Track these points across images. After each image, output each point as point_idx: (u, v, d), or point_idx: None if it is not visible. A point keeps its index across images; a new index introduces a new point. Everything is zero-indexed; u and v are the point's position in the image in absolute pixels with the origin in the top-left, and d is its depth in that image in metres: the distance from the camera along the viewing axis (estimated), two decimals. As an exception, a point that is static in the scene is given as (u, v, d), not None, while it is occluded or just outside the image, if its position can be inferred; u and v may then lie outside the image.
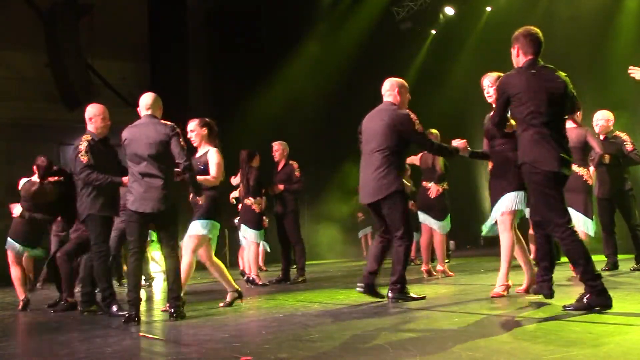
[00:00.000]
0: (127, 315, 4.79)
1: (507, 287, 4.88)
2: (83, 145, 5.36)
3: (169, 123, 5.08)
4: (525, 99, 4.00)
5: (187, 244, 5.39)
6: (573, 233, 3.97)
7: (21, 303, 6.64)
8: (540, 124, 3.96)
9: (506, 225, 4.81)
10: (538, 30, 4.22)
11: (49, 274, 6.88)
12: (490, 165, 5.00)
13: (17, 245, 6.71)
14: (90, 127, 5.64)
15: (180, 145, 4.89)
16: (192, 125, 5.73)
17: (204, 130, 5.67)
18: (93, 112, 5.68)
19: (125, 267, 8.96)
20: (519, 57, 4.22)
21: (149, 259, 10.12)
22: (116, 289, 8.84)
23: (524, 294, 4.87)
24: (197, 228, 5.34)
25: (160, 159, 4.88)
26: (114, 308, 5.41)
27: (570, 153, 4.11)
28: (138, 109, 5.23)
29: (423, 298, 5.07)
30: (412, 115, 5.09)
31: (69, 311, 6.27)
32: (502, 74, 4.74)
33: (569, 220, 4.00)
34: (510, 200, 4.77)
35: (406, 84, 5.34)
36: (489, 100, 4.88)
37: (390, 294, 5.05)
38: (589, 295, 3.81)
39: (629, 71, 4.93)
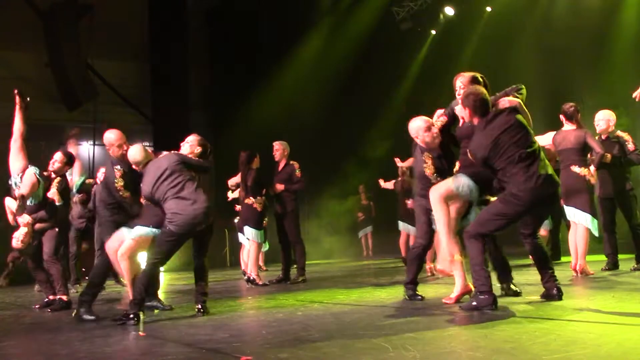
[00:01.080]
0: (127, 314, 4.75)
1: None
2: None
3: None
4: None
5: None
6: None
7: None
8: None
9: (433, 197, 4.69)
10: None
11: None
12: (457, 165, 4.96)
13: None
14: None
15: None
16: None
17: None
18: (108, 140, 5.73)
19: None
20: None
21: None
22: (114, 287, 8.87)
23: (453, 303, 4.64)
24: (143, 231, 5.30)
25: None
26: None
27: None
28: None
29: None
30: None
31: (64, 309, 6.33)
32: (478, 75, 4.73)
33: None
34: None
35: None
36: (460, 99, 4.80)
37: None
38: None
39: (634, 96, 4.97)
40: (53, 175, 6.59)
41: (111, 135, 5.71)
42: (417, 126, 4.96)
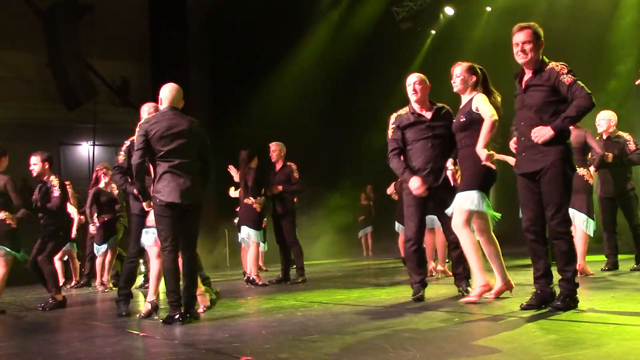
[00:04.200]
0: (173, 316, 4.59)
1: (485, 289, 4.62)
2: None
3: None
4: None
5: None
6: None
7: None
8: None
9: (458, 223, 4.60)
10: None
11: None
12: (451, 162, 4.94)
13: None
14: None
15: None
16: None
17: None
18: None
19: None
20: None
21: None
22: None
23: (494, 298, 4.63)
24: None
25: None
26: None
27: None
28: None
29: None
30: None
31: (59, 308, 6.40)
32: (476, 65, 4.73)
33: None
34: (463, 199, 4.56)
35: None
36: (455, 89, 4.79)
37: None
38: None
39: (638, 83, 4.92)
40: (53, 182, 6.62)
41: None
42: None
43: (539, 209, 4.05)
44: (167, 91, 4.88)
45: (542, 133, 3.90)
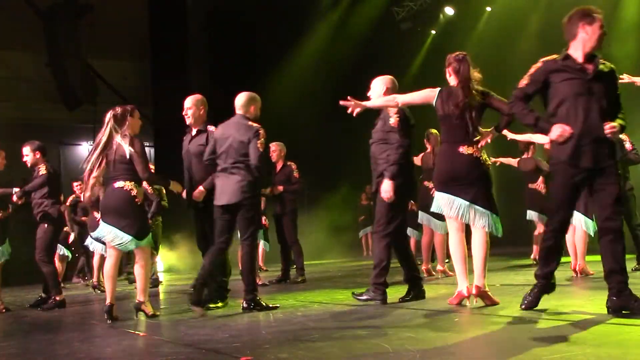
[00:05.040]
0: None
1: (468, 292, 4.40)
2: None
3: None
4: None
5: None
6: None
7: None
8: None
9: (451, 227, 4.53)
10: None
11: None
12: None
13: None
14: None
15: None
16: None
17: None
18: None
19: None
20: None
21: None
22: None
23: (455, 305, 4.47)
24: None
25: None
26: None
27: None
28: None
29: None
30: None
31: (59, 308, 6.39)
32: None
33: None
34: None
35: None
36: (450, 81, 4.72)
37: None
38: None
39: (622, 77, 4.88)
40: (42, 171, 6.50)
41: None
42: None
43: (572, 211, 4.03)
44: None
45: (616, 128, 3.71)
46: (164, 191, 8.97)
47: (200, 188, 5.39)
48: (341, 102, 4.64)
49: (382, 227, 4.97)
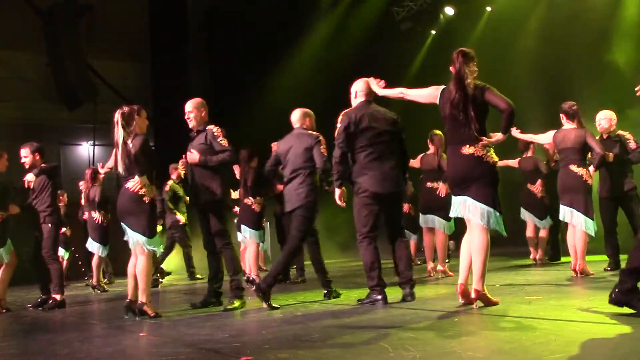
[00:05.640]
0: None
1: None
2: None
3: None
4: None
5: None
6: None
7: None
8: None
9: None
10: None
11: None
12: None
13: None
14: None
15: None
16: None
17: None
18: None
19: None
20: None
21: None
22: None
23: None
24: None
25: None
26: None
27: None
28: None
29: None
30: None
31: (59, 308, 6.40)
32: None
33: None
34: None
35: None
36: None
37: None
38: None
39: (637, 90, 4.73)
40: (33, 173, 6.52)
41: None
42: None
43: None
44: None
45: None
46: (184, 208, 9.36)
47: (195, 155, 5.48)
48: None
49: (359, 231, 5.30)
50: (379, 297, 4.95)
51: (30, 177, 6.40)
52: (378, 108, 5.27)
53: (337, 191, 5.24)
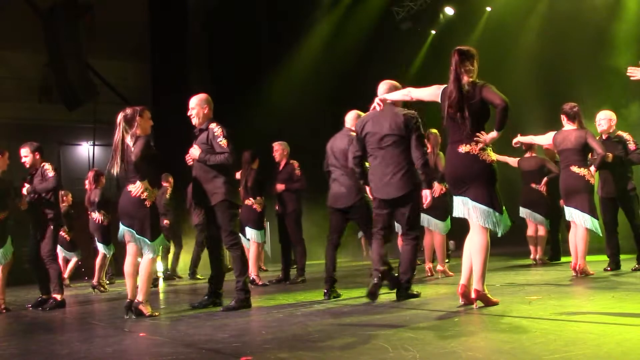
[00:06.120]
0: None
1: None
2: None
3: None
4: None
5: None
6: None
7: None
8: None
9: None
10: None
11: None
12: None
13: None
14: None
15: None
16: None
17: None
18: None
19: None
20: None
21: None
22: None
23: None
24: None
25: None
26: None
27: None
28: None
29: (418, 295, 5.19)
30: None
31: (59, 308, 6.40)
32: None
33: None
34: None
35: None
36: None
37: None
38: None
39: (628, 72, 4.82)
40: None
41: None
42: None
43: None
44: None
45: None
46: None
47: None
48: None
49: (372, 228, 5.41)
50: (375, 280, 5.05)
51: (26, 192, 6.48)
52: (389, 111, 5.15)
53: (367, 188, 5.48)
